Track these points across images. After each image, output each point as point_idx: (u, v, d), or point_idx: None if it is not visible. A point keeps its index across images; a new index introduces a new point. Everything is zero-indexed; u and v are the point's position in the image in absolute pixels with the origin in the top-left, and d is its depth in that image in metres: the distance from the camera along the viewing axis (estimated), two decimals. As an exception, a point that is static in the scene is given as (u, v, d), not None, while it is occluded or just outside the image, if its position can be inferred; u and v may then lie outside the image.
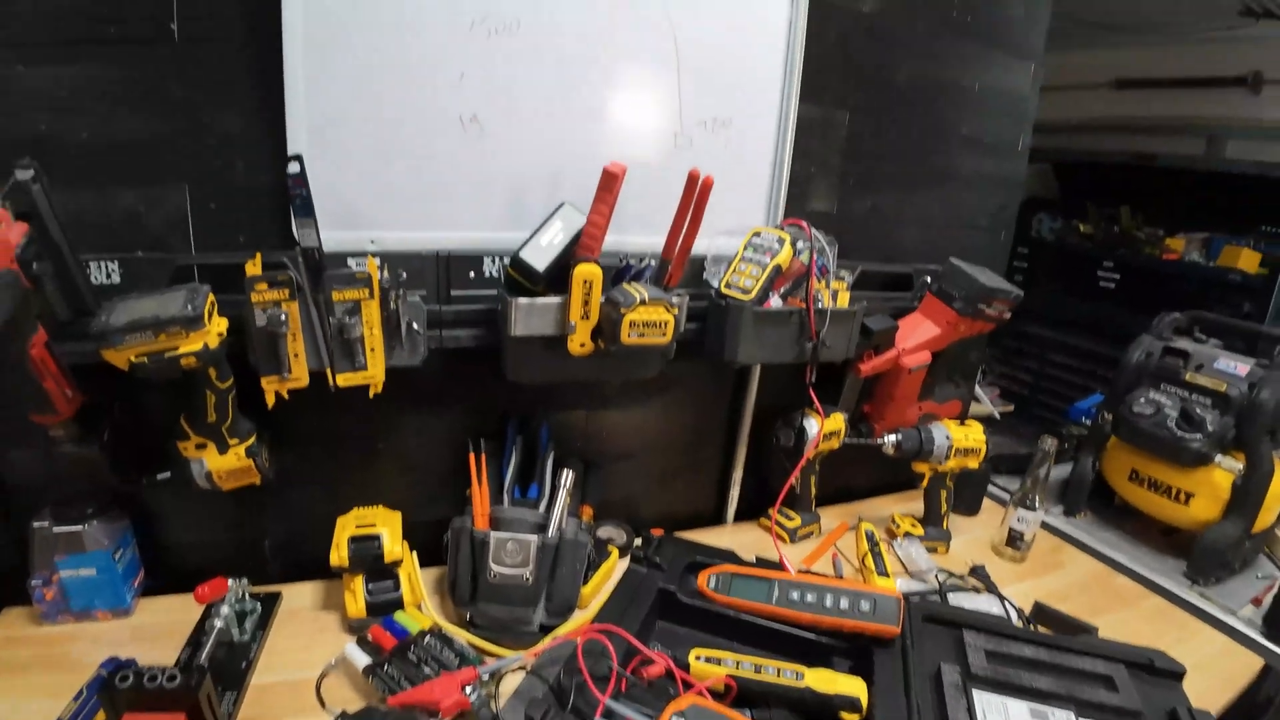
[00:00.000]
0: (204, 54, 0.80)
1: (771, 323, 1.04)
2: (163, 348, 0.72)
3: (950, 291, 1.23)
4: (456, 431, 1.06)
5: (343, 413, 0.94)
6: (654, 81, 1.01)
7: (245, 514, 0.98)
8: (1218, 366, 1.25)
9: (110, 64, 0.77)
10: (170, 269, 0.83)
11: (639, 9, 0.96)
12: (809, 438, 1.17)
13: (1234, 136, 2.26)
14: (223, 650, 0.84)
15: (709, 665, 0.81)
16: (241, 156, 0.85)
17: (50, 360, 0.72)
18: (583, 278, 0.89)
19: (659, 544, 1.03)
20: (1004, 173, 1.43)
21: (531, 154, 0.96)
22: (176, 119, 0.81)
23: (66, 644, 0.85)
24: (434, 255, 0.95)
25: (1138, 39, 2.36)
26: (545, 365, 0.96)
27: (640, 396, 1.19)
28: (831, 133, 1.18)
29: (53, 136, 0.77)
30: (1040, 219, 2.61)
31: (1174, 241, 2.19)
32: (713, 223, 0.98)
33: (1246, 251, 1.99)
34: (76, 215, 0.77)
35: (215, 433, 0.83)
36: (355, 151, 0.88)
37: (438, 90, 0.89)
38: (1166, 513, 1.31)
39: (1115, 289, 2.27)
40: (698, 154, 1.05)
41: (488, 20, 0.88)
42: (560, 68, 0.94)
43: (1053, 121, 2.62)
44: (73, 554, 0.84)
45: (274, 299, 0.80)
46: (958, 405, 1.44)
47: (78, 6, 0.75)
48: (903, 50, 1.20)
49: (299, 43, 0.81)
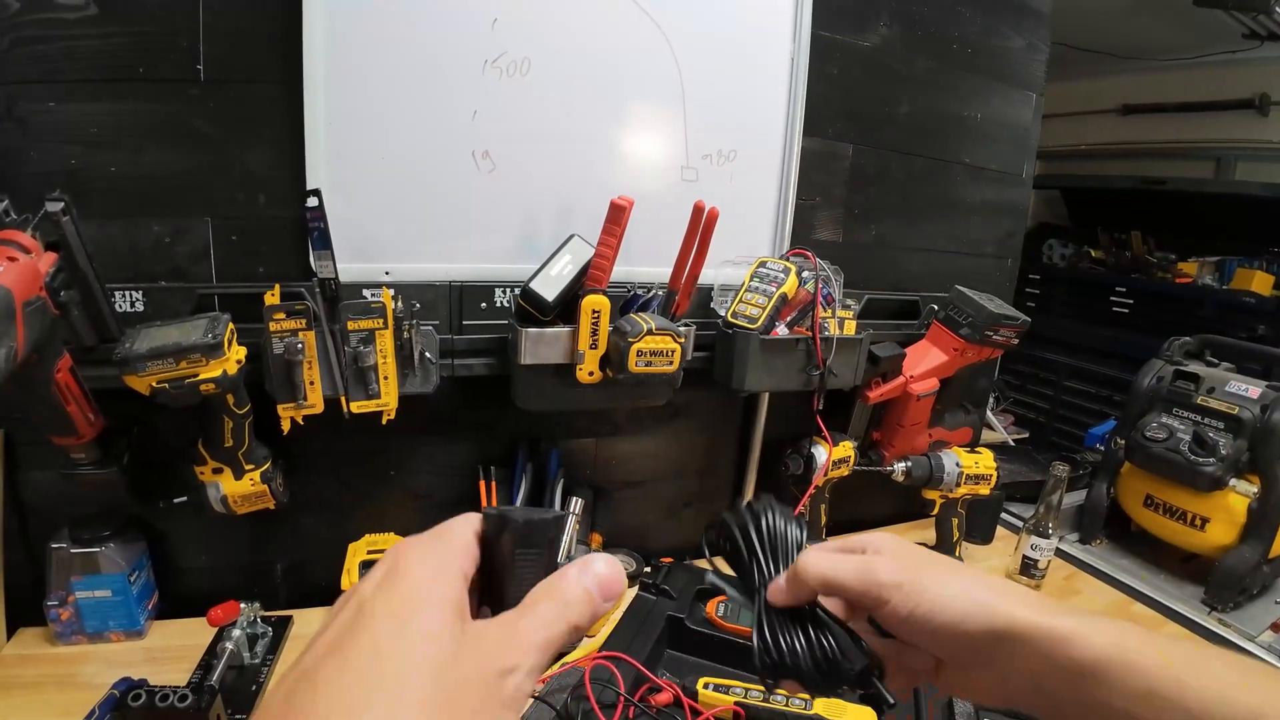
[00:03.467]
0: (229, 93, 0.83)
1: (778, 351, 1.05)
2: (183, 374, 0.74)
3: (957, 319, 1.24)
4: (467, 458, 1.07)
5: (356, 440, 0.96)
6: (660, 117, 1.03)
7: (258, 538, 1.00)
8: (1229, 390, 1.24)
9: (139, 101, 0.81)
10: (192, 298, 0.86)
11: (646, 48, 0.99)
12: (817, 465, 1.17)
13: (1243, 159, 2.27)
14: (233, 673, 0.84)
15: (717, 694, 0.81)
16: (263, 191, 0.87)
17: (74, 384, 0.74)
18: (591, 308, 0.90)
19: (668, 571, 1.03)
20: (1009, 200, 1.44)
21: (542, 188, 0.99)
22: (201, 154, 0.84)
23: (80, 664, 0.86)
24: (447, 286, 0.97)
25: (1142, 65, 2.38)
26: (554, 393, 0.97)
27: (649, 425, 1.20)
28: (835, 164, 1.20)
29: (83, 170, 0.80)
30: (1051, 245, 2.61)
31: (1187, 265, 2.19)
32: (719, 253, 1.00)
33: (1260, 274, 1.98)
34: (104, 245, 0.80)
35: (231, 458, 0.85)
36: (372, 186, 0.90)
37: (451, 127, 0.92)
38: (1182, 538, 1.29)
39: (1129, 314, 2.26)
40: (704, 187, 1.07)
41: (500, 60, 0.92)
42: (570, 105, 0.97)
43: (1061, 148, 2.65)
44: (89, 575, 0.86)
45: (291, 328, 0.82)
46: (968, 432, 1.43)
47: (108, 47, 0.78)
48: (904, 84, 1.23)
49: (319, 83, 0.84)
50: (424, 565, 0.28)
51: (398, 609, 0.26)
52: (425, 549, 0.28)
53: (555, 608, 0.29)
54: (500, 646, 0.27)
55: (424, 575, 0.27)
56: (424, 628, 0.25)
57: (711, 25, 1.03)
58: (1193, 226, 2.24)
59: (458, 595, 0.27)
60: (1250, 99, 2.19)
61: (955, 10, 1.24)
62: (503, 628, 0.28)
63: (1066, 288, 2.46)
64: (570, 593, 0.29)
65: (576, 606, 0.29)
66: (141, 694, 0.67)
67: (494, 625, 0.28)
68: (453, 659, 0.25)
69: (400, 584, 0.27)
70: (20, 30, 0.75)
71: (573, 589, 0.29)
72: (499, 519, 0.30)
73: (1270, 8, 1.77)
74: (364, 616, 0.26)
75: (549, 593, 0.29)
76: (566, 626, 0.28)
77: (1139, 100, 2.49)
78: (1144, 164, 2.44)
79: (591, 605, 0.29)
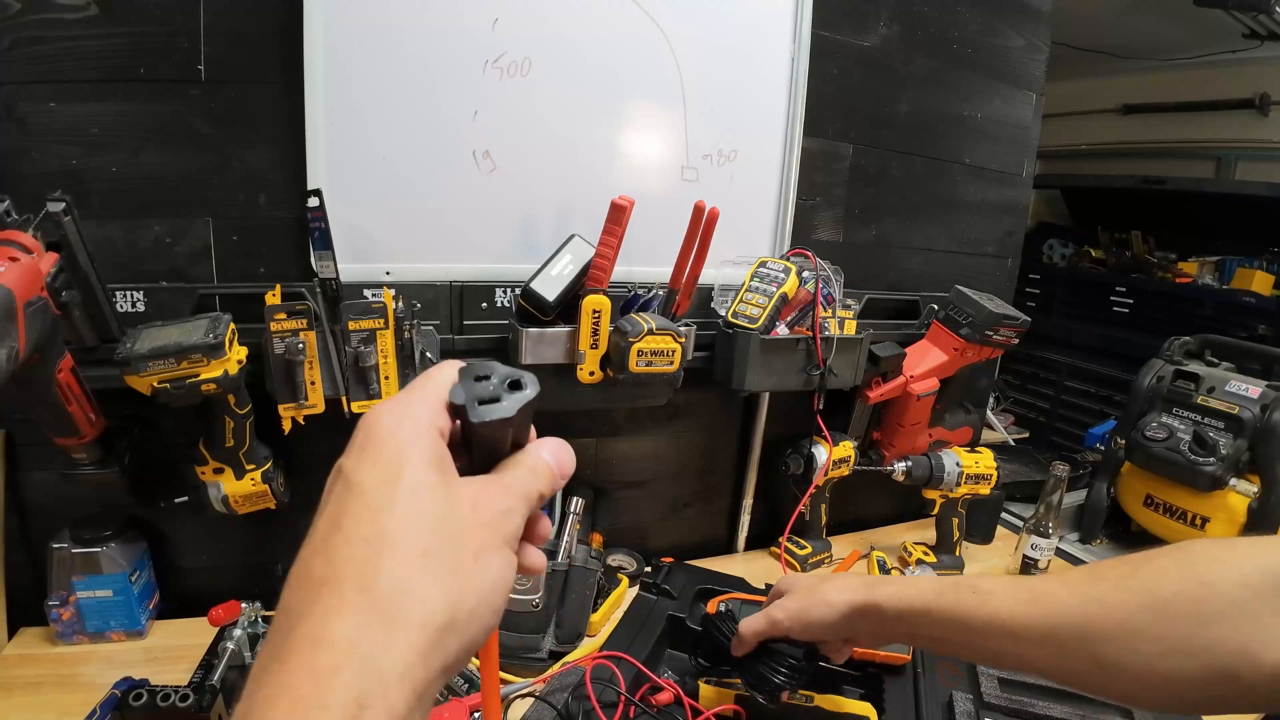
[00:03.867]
0: (229, 93, 0.84)
1: (778, 351, 1.05)
2: (184, 374, 0.74)
3: (957, 318, 1.24)
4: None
5: (356, 439, 0.96)
6: (661, 117, 1.03)
7: (259, 538, 1.00)
8: (1230, 389, 1.24)
9: (139, 102, 0.81)
10: (193, 298, 0.86)
11: (646, 48, 1.00)
12: (818, 465, 1.17)
13: (1243, 158, 2.27)
14: (234, 673, 0.84)
15: (719, 688, 0.81)
16: (263, 191, 0.88)
17: (75, 384, 0.74)
18: (591, 307, 0.91)
19: (669, 571, 1.03)
20: (1009, 200, 1.44)
21: (542, 188, 0.99)
22: (202, 155, 0.84)
23: (81, 664, 0.86)
24: (447, 286, 0.97)
25: (1143, 64, 2.38)
26: (555, 393, 0.97)
27: (650, 425, 1.20)
28: (835, 164, 1.20)
29: (83, 170, 0.80)
30: (1052, 245, 2.61)
31: (1187, 265, 2.19)
32: (719, 253, 1.00)
33: (1260, 274, 1.98)
34: (105, 245, 0.81)
35: (233, 458, 0.85)
36: (372, 186, 0.91)
37: (452, 127, 0.92)
38: (1182, 538, 1.28)
39: (1129, 314, 2.26)
40: (704, 186, 1.07)
41: (500, 60, 0.92)
42: (570, 105, 0.97)
43: (1061, 147, 2.65)
44: (90, 575, 0.86)
45: (292, 328, 0.82)
46: (969, 432, 1.43)
47: (108, 48, 0.78)
48: (904, 84, 1.23)
49: (319, 83, 0.84)
50: (399, 428, 0.29)
51: (383, 473, 0.27)
52: (398, 412, 0.30)
53: (526, 472, 0.32)
54: (491, 495, 0.30)
55: (401, 437, 0.29)
56: (412, 484, 0.27)
57: (711, 25, 1.03)
58: (1193, 226, 2.24)
59: (436, 451, 0.29)
60: (1250, 99, 2.19)
61: (955, 10, 1.24)
62: (489, 482, 0.31)
63: (1066, 287, 2.46)
64: (537, 464, 0.33)
65: (543, 476, 0.33)
66: (143, 694, 0.67)
67: (479, 480, 0.30)
68: (448, 507, 0.28)
69: (379, 451, 0.28)
70: (21, 30, 0.75)
71: (539, 461, 0.33)
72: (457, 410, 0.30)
73: (1270, 7, 1.77)
74: (353, 489, 0.27)
75: (520, 461, 0.32)
76: (535, 490, 0.32)
77: (1139, 100, 2.49)
78: (1144, 163, 2.44)
79: (552, 478, 0.33)
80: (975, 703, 0.82)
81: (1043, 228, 2.67)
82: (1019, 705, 0.81)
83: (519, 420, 0.31)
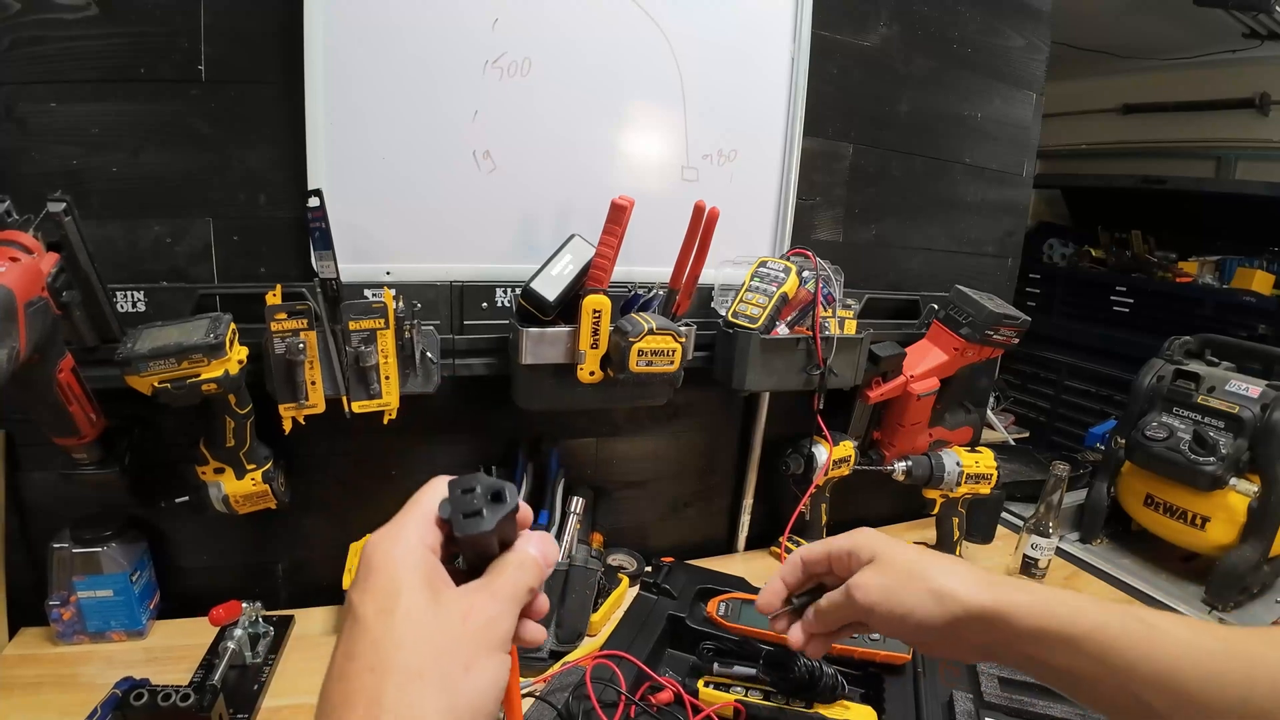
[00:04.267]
0: (229, 93, 0.83)
1: (778, 351, 1.05)
2: (185, 374, 0.74)
3: (957, 318, 1.24)
4: (468, 458, 1.07)
5: (357, 440, 0.96)
6: (661, 117, 1.03)
7: (260, 538, 1.00)
8: (1230, 389, 1.24)
9: (140, 102, 0.81)
10: (194, 298, 0.86)
11: (646, 48, 0.99)
12: (818, 465, 1.17)
13: (1243, 158, 2.27)
14: (235, 672, 0.84)
15: (718, 692, 0.81)
16: (264, 191, 0.88)
17: (76, 385, 0.74)
18: (592, 307, 0.91)
19: (669, 571, 1.03)
20: (1009, 200, 1.44)
21: (542, 188, 0.99)
22: (202, 155, 0.84)
23: (81, 664, 0.86)
24: (448, 286, 0.97)
25: (1143, 64, 2.38)
26: (555, 393, 0.97)
27: (650, 424, 1.20)
28: (835, 164, 1.20)
29: (84, 170, 0.80)
30: (1052, 245, 2.61)
31: (1187, 265, 2.19)
32: (720, 253, 1.00)
33: (1260, 274, 1.99)
34: (105, 246, 0.81)
35: (233, 458, 0.85)
36: (373, 186, 0.91)
37: (452, 127, 0.92)
38: (1183, 538, 1.29)
39: (1130, 313, 2.26)
40: (704, 186, 1.07)
41: (500, 60, 0.92)
42: (570, 105, 0.97)
43: (1062, 147, 2.65)
44: (90, 575, 0.86)
45: (293, 328, 0.82)
46: (969, 432, 1.43)
47: (109, 48, 0.78)
48: (904, 83, 1.23)
49: (319, 83, 0.84)
50: (392, 554, 0.33)
51: (380, 602, 0.32)
52: (390, 541, 0.34)
53: (514, 570, 0.35)
54: (480, 603, 0.33)
55: (394, 564, 0.33)
56: (406, 611, 0.31)
57: (711, 25, 1.03)
58: (1193, 226, 2.25)
59: (427, 571, 0.33)
60: (1250, 98, 2.19)
61: (955, 10, 1.24)
62: (478, 590, 0.34)
63: (1067, 287, 2.46)
64: (524, 559, 0.36)
65: (530, 570, 0.36)
66: (143, 693, 0.67)
67: (469, 589, 0.34)
68: (438, 627, 0.32)
69: (376, 580, 0.33)
70: (21, 30, 0.75)
71: (525, 557, 0.36)
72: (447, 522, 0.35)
73: (1270, 7, 1.78)
74: (357, 621, 0.32)
75: (508, 560, 0.36)
76: (525, 586, 0.35)
77: (1139, 99, 2.49)
78: (1144, 163, 2.44)
79: (539, 570, 0.37)
80: (975, 702, 0.82)
81: (1043, 227, 2.67)
82: (1019, 705, 0.81)
83: (501, 529, 0.34)
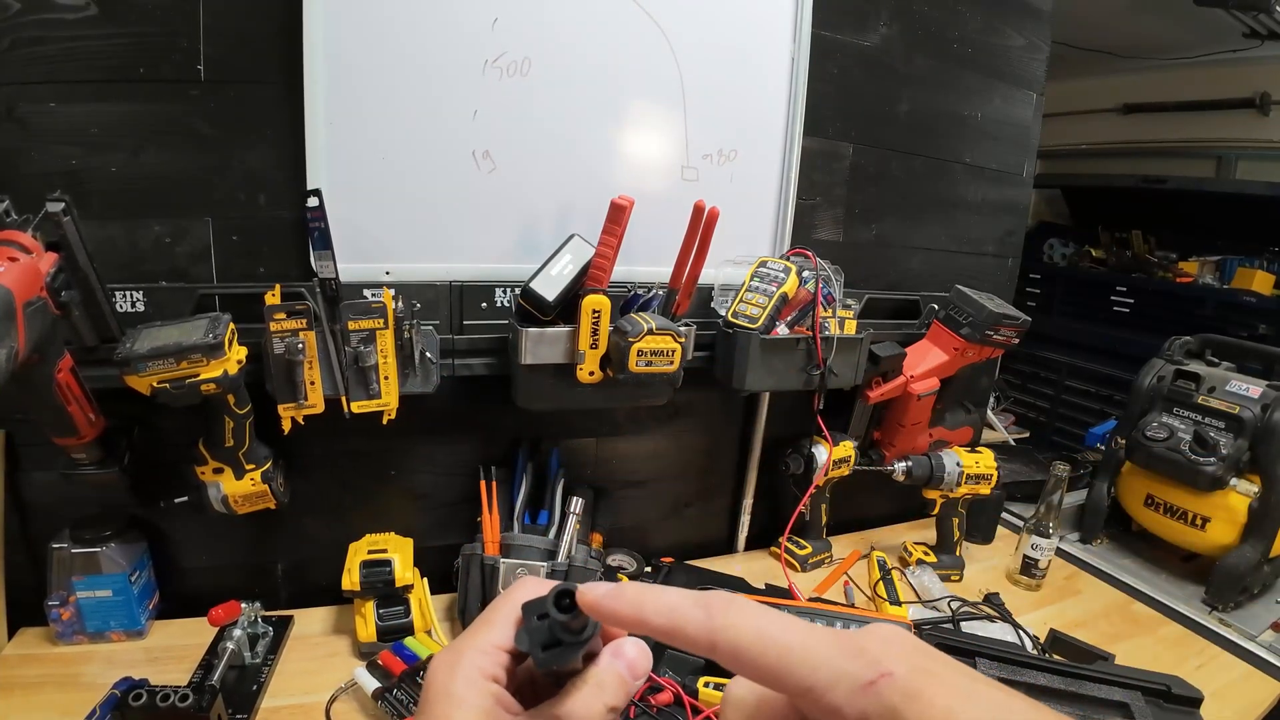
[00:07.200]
0: (229, 93, 0.83)
1: (778, 351, 1.05)
2: (184, 374, 0.74)
3: (957, 318, 1.24)
4: (467, 458, 1.07)
5: (356, 440, 0.96)
6: (661, 117, 1.03)
7: (259, 538, 1.00)
8: (1230, 389, 1.24)
9: (139, 102, 0.81)
10: (193, 298, 0.86)
11: (646, 48, 0.99)
12: (818, 465, 1.17)
13: (1244, 158, 2.27)
14: (234, 672, 0.85)
15: (717, 692, 0.81)
16: (263, 191, 0.87)
17: (75, 385, 0.74)
18: (591, 307, 0.90)
19: (669, 571, 1.03)
20: (1009, 200, 1.44)
21: (542, 188, 0.99)
22: (202, 155, 0.84)
23: (81, 664, 0.86)
24: (447, 286, 0.97)
25: (1143, 64, 2.38)
26: (555, 393, 0.97)
27: (650, 424, 1.20)
28: (836, 164, 1.20)
29: (83, 170, 0.80)
30: (1052, 244, 2.61)
31: (1187, 264, 2.19)
32: (720, 253, 1.00)
33: (1260, 274, 1.98)
34: (104, 246, 0.81)
35: (232, 458, 0.85)
36: (372, 186, 0.90)
37: (452, 127, 0.92)
38: (1183, 538, 1.29)
39: (1130, 313, 2.26)
40: (704, 186, 1.07)
41: (500, 60, 0.92)
42: (570, 105, 0.97)
43: (1062, 147, 2.65)
44: (90, 575, 0.86)
45: (292, 328, 0.82)
46: (969, 432, 1.43)
47: (109, 48, 0.78)
48: (904, 83, 1.23)
49: (319, 83, 0.84)
50: (451, 686, 0.30)
51: None
52: (448, 670, 0.31)
53: (592, 690, 0.31)
54: None
55: (451, 699, 0.30)
56: None
57: (712, 25, 1.03)
58: (1193, 226, 2.24)
59: (483, 704, 0.30)
60: (1251, 98, 2.19)
61: (955, 9, 1.24)
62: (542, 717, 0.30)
63: (1067, 287, 2.46)
64: (605, 676, 0.31)
65: (611, 689, 0.31)
66: (142, 694, 0.67)
67: (533, 717, 0.30)
68: None
69: (430, 714, 0.30)
70: (21, 31, 0.75)
71: (606, 673, 0.31)
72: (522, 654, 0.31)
73: (1270, 7, 1.77)
74: None
75: (588, 678, 0.31)
76: (603, 708, 0.31)
77: (1139, 99, 2.49)
78: (1145, 163, 2.44)
79: (624, 686, 0.31)
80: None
81: (1043, 227, 2.67)
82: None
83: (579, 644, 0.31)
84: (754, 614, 0.26)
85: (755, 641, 0.25)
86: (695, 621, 0.27)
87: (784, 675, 0.24)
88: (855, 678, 0.23)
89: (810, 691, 0.24)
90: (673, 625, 0.27)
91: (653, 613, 0.28)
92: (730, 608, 0.27)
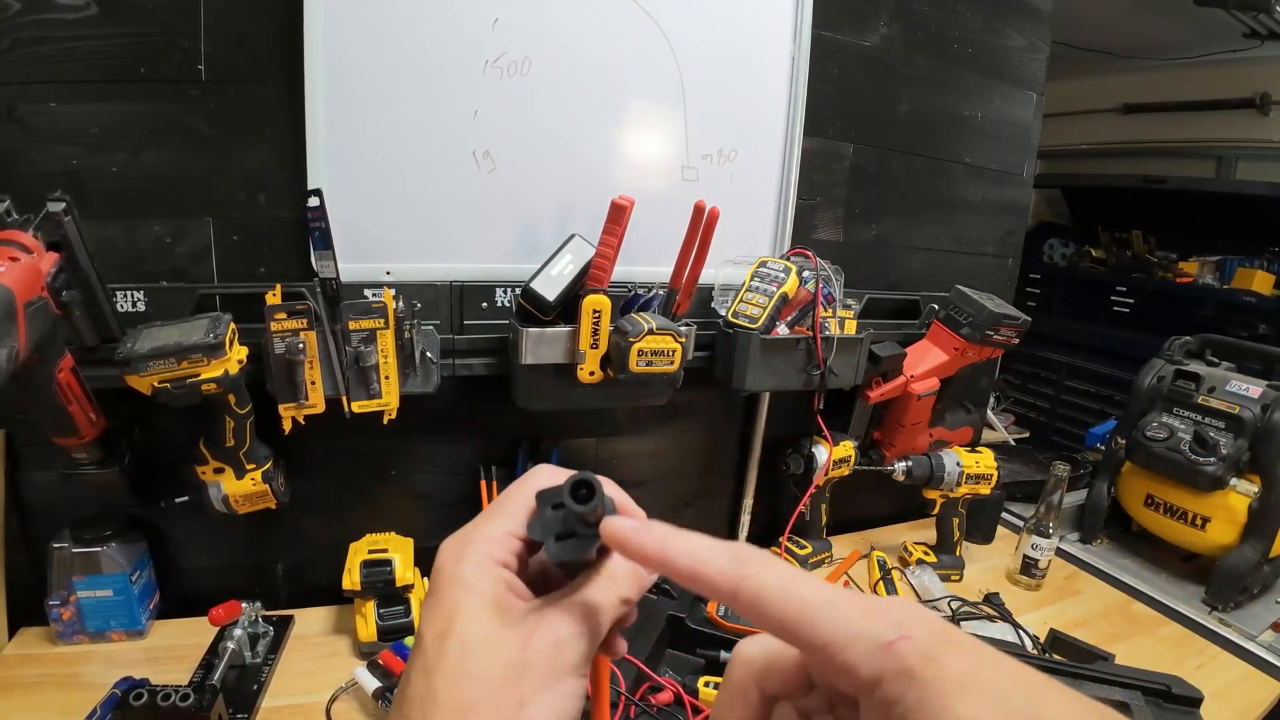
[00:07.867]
0: (229, 93, 0.83)
1: (778, 351, 1.05)
2: (185, 374, 0.74)
3: (957, 318, 1.24)
4: (468, 458, 1.07)
5: (357, 440, 0.96)
6: (661, 117, 1.03)
7: (259, 538, 1.00)
8: (1230, 389, 1.24)
9: (140, 102, 0.81)
10: (193, 298, 0.86)
11: (646, 48, 0.99)
12: (818, 465, 1.17)
13: (1244, 158, 2.27)
14: (235, 672, 0.85)
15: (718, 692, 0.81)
16: (264, 191, 0.88)
17: (76, 384, 0.74)
18: (592, 307, 0.91)
19: (668, 570, 1.03)
20: (1009, 200, 1.44)
21: (542, 188, 0.99)
22: (202, 155, 0.84)
23: (81, 664, 0.86)
24: (447, 286, 0.97)
25: (1143, 64, 2.38)
26: (555, 393, 0.97)
27: (650, 424, 1.20)
28: (836, 164, 1.20)
29: (84, 170, 0.80)
30: (1052, 244, 2.61)
31: (1187, 265, 2.19)
32: (720, 253, 1.00)
33: (1260, 274, 1.98)
34: (105, 245, 0.81)
35: (233, 458, 0.85)
36: (373, 186, 0.90)
37: (452, 127, 0.92)
38: (1183, 538, 1.29)
39: (1130, 313, 2.26)
40: (704, 186, 1.07)
41: (500, 60, 0.92)
42: (570, 105, 0.97)
43: (1062, 147, 2.65)
44: (90, 575, 0.86)
45: (292, 328, 0.82)
46: (969, 432, 1.43)
47: (109, 48, 0.78)
48: (904, 83, 1.23)
49: (319, 83, 0.84)
50: (458, 571, 0.29)
51: (439, 626, 0.28)
52: (456, 554, 0.30)
53: (605, 581, 0.31)
54: (550, 623, 0.29)
55: (458, 583, 0.29)
56: (461, 638, 0.28)
57: (712, 25, 1.03)
58: (1193, 226, 2.24)
59: (495, 591, 0.29)
60: (1251, 98, 2.19)
61: (955, 9, 1.24)
62: (550, 607, 0.30)
63: (1067, 287, 2.46)
64: (618, 569, 0.32)
65: (624, 581, 0.31)
66: (143, 693, 0.67)
67: (542, 606, 0.30)
68: (493, 656, 0.27)
69: (439, 600, 0.29)
70: (21, 30, 0.75)
71: (620, 566, 0.32)
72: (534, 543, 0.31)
73: (1270, 7, 1.77)
74: (419, 644, 0.29)
75: (601, 569, 0.31)
76: (615, 599, 0.31)
77: (1139, 99, 2.49)
78: (1145, 163, 2.44)
79: (638, 579, 0.32)
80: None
81: (1043, 227, 2.67)
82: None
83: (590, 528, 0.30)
84: (780, 567, 0.26)
85: (778, 594, 0.25)
86: (720, 568, 0.26)
87: (803, 629, 0.24)
88: (875, 637, 0.22)
89: (828, 648, 0.23)
90: (696, 568, 0.27)
91: (678, 553, 0.28)
92: (757, 557, 0.26)
